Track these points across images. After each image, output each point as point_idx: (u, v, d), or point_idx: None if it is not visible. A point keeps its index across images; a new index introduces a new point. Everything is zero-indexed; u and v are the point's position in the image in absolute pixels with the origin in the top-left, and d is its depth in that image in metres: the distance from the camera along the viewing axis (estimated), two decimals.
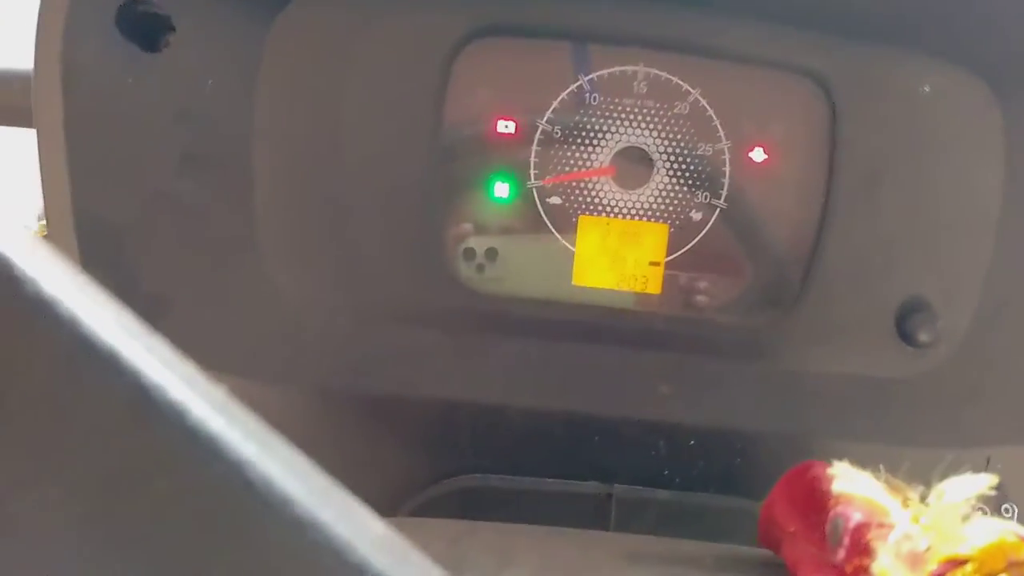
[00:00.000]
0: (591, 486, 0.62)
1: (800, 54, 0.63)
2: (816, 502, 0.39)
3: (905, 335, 0.64)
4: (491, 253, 0.66)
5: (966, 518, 0.32)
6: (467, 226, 0.66)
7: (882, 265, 0.64)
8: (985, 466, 0.63)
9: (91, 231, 0.58)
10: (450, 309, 0.64)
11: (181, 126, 0.59)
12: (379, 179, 0.63)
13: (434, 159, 0.63)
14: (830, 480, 0.36)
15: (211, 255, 0.61)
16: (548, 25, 0.63)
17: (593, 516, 0.60)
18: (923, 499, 0.37)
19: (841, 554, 0.34)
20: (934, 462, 0.63)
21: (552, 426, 0.62)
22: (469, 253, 0.66)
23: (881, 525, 0.33)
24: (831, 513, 0.36)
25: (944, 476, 0.63)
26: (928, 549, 0.30)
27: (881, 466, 0.38)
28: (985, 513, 0.33)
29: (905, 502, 0.37)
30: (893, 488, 0.38)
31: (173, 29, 0.58)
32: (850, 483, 0.35)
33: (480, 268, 0.66)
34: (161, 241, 0.60)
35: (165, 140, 0.59)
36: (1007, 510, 0.61)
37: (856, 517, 0.34)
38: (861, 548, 0.33)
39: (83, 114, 0.57)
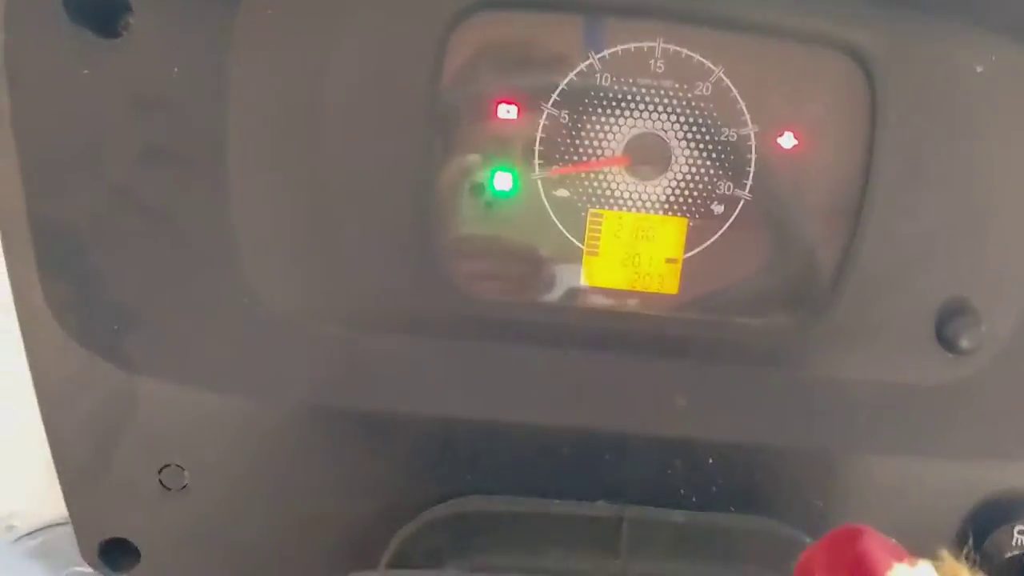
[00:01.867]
0: (600, 507, 0.57)
1: (837, 27, 0.56)
2: None
3: (945, 340, 0.58)
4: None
5: None
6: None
7: (923, 263, 0.58)
8: None
9: (48, 234, 0.53)
10: (447, 315, 0.59)
11: (145, 118, 0.53)
12: (367, 172, 0.57)
13: (428, 149, 0.57)
14: (881, 561, 0.32)
15: (183, 259, 0.56)
16: None
17: (604, 539, 0.56)
18: None
19: None
20: (972, 476, 0.59)
21: (558, 443, 0.57)
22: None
23: None
24: None
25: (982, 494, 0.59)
26: None
27: (944, 552, 0.33)
28: None
29: None
30: None
31: (130, 9, 0.51)
32: None
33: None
34: (126, 245, 0.55)
35: (127, 134, 0.53)
36: None
37: None
38: None
39: (32, 109, 0.51)
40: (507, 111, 0.58)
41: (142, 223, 0.55)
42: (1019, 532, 0.57)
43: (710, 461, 0.57)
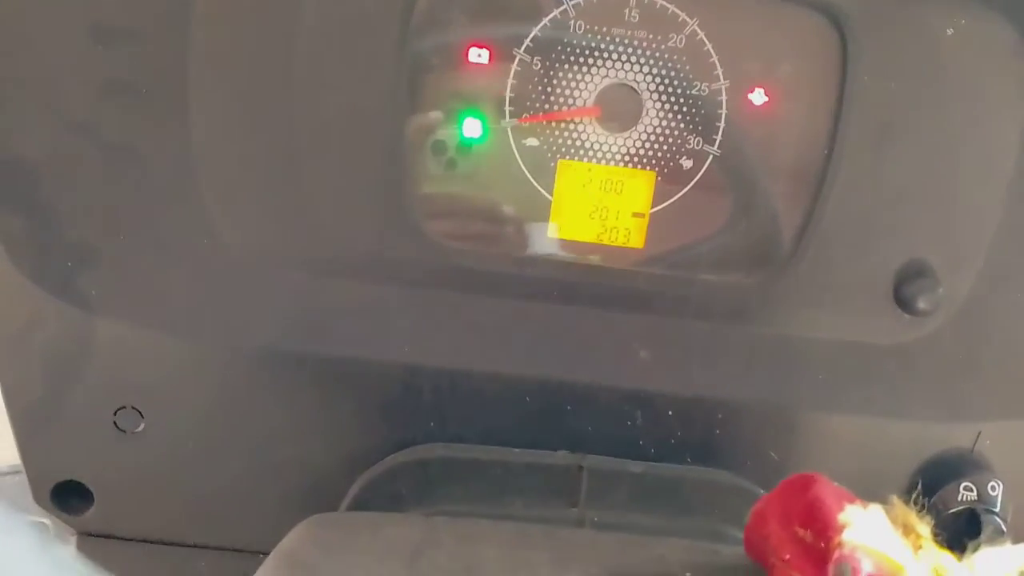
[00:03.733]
0: (561, 456, 0.58)
1: None
2: (816, 528, 0.35)
3: (903, 301, 0.59)
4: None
5: None
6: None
7: (885, 224, 0.59)
8: (975, 441, 0.60)
9: (1, 169, 0.51)
10: (414, 262, 0.58)
11: (104, 48, 0.51)
12: (335, 113, 0.56)
13: (397, 91, 0.56)
14: (841, 519, 0.32)
15: (143, 198, 0.54)
16: None
17: (563, 489, 0.57)
18: (935, 537, 0.34)
19: None
20: (924, 434, 0.61)
21: (522, 393, 0.58)
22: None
23: None
24: (836, 555, 0.32)
25: (933, 451, 0.60)
26: None
27: (894, 498, 0.34)
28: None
29: (917, 541, 0.33)
30: (903, 522, 0.34)
31: None
32: (863, 532, 0.31)
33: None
34: (84, 181, 0.53)
35: (85, 64, 0.51)
36: (993, 488, 0.59)
37: (867, 569, 0.30)
38: None
39: None
40: (478, 55, 0.57)
41: (100, 159, 0.53)
42: (964, 488, 0.59)
43: (670, 414, 0.58)
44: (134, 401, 0.56)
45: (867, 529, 0.31)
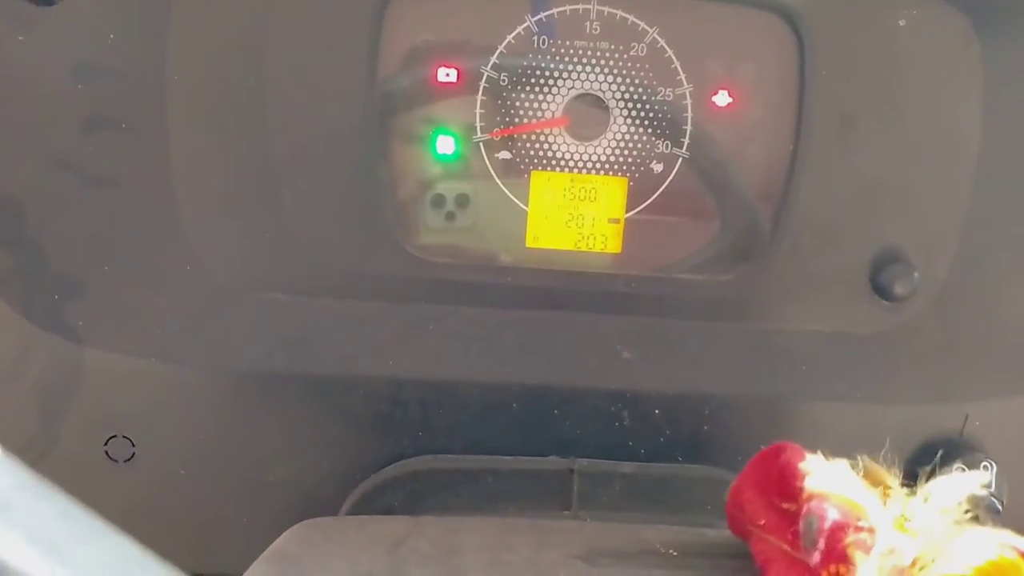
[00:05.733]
0: (551, 462, 0.58)
1: None
2: (787, 491, 0.36)
3: (880, 288, 0.60)
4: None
5: (958, 524, 0.28)
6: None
7: (856, 214, 0.60)
8: (963, 422, 0.60)
9: None
10: (395, 277, 0.59)
11: (84, 85, 0.53)
12: (310, 137, 0.57)
13: (369, 113, 0.57)
14: (802, 467, 0.33)
15: (126, 229, 0.56)
16: None
17: (554, 493, 0.57)
18: (904, 486, 0.34)
19: (816, 557, 0.31)
20: (912, 419, 0.61)
21: (508, 400, 0.58)
22: (438, 200, 0.61)
23: (859, 528, 0.29)
24: (804, 509, 0.32)
25: (922, 436, 0.60)
26: (914, 563, 0.26)
27: (860, 457, 0.35)
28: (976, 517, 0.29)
29: (885, 492, 0.33)
30: (872, 476, 0.34)
31: None
32: (824, 479, 0.31)
33: (450, 216, 0.61)
34: (69, 214, 0.55)
35: (66, 101, 0.53)
36: (986, 467, 0.59)
37: (832, 516, 0.31)
38: (838, 553, 0.29)
39: None
40: (447, 75, 0.59)
41: (83, 193, 0.55)
42: (957, 471, 0.59)
43: (657, 412, 0.58)
44: (125, 430, 0.57)
45: (829, 475, 0.32)
